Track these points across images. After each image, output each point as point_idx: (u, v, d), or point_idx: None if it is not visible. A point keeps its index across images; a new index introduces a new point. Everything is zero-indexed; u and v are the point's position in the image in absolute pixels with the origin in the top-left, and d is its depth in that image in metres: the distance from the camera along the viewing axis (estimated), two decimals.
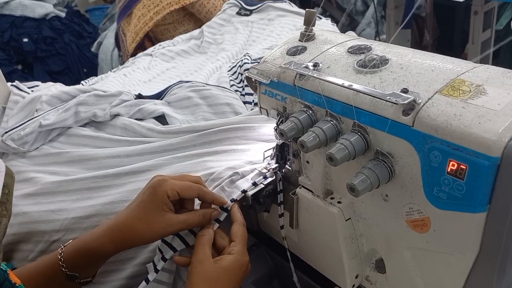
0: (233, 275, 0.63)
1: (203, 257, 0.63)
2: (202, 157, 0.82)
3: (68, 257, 0.65)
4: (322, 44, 0.65)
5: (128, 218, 0.65)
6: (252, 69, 0.68)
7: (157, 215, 0.64)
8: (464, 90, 0.48)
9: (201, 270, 0.61)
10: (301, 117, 0.59)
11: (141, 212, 0.65)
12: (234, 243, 0.65)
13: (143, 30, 1.87)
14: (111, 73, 1.32)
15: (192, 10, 1.90)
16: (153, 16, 1.84)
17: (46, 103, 1.03)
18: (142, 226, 0.64)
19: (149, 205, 0.65)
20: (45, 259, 0.68)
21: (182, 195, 0.66)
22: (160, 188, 0.65)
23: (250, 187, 0.70)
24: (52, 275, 0.66)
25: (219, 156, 0.81)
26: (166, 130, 0.90)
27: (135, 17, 1.90)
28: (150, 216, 0.64)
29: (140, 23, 1.86)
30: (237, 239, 0.66)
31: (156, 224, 0.64)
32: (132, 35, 1.90)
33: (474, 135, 0.43)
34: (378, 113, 0.51)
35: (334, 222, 0.62)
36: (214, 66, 1.21)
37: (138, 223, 0.64)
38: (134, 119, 0.96)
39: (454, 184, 0.46)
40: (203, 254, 0.63)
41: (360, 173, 0.51)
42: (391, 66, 0.55)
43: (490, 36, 2.17)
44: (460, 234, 0.48)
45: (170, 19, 1.92)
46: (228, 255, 0.64)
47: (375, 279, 0.65)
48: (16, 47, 2.96)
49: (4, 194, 0.46)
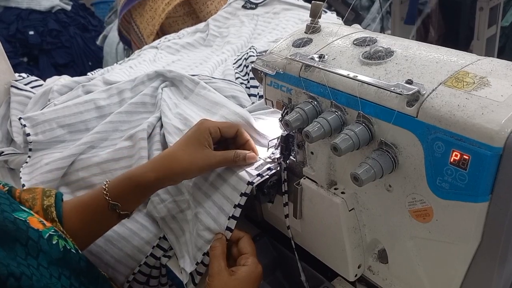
0: (248, 286, 0.66)
1: (220, 270, 0.66)
2: None
3: (112, 185, 0.72)
4: (327, 36, 0.66)
5: (172, 149, 0.74)
6: (258, 60, 0.69)
7: (198, 148, 0.72)
8: (468, 82, 0.48)
9: (220, 282, 0.65)
10: (306, 108, 0.60)
11: (183, 144, 0.73)
12: (247, 255, 0.69)
13: (158, 21, 1.92)
14: (117, 65, 1.33)
15: (195, 7, 1.92)
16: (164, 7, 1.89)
17: (57, 92, 1.06)
18: (184, 156, 0.71)
19: (192, 139, 0.73)
20: (90, 192, 0.74)
21: (223, 131, 0.74)
22: (203, 125, 0.73)
23: (256, 178, 0.71)
24: (96, 205, 0.71)
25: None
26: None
27: (151, 9, 1.92)
28: (192, 149, 0.72)
29: (156, 15, 1.90)
30: (249, 252, 0.70)
31: (197, 155, 0.71)
32: (150, 27, 1.93)
33: (477, 126, 0.44)
34: (383, 104, 0.52)
35: (338, 212, 0.62)
36: (219, 59, 1.21)
37: (180, 152, 0.72)
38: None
39: (457, 174, 0.46)
40: (219, 266, 0.67)
41: (364, 163, 0.51)
42: (396, 58, 0.56)
43: (496, 32, 2.16)
44: (462, 224, 0.49)
45: (180, 11, 1.94)
46: (243, 267, 0.67)
47: (377, 269, 0.66)
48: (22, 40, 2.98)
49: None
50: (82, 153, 0.92)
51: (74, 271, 0.60)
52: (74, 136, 0.98)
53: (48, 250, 0.57)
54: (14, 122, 1.07)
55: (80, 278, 0.60)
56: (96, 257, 0.80)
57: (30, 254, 0.54)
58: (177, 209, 0.81)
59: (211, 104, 0.91)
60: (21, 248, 0.54)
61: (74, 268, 0.60)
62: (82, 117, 0.99)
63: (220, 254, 0.69)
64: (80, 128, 0.98)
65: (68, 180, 0.90)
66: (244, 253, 0.69)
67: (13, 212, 0.57)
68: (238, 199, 0.71)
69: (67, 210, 0.70)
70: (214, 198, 0.74)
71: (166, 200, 0.82)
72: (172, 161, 0.71)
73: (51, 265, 0.56)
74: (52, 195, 0.71)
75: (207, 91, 0.94)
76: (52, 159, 0.90)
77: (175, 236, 0.81)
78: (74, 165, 0.91)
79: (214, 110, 0.89)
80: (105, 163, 0.89)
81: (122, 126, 0.97)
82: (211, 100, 0.91)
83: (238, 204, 0.71)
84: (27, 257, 0.54)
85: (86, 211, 0.71)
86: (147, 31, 1.96)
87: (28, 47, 2.99)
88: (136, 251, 0.81)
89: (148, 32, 1.96)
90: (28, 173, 0.91)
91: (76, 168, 0.90)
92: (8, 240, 0.53)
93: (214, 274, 0.66)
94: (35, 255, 0.55)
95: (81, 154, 0.92)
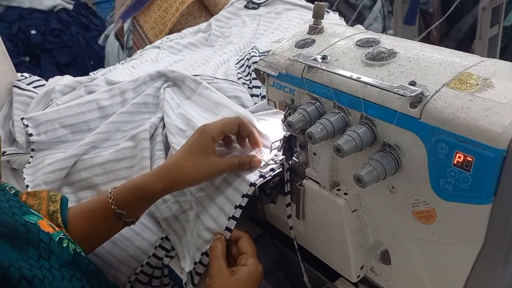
0: (249, 286, 0.66)
1: (220, 270, 0.66)
2: None
3: (118, 194, 0.71)
4: (330, 37, 0.66)
5: (177, 158, 0.72)
6: (261, 61, 0.69)
7: (202, 156, 0.71)
8: (471, 83, 0.48)
9: (220, 283, 0.65)
10: (309, 109, 0.60)
11: (187, 154, 0.72)
12: (247, 255, 0.69)
13: (171, 21, 1.93)
14: (119, 65, 1.33)
15: (206, 2, 1.93)
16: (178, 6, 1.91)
17: (60, 92, 1.06)
18: (189, 165, 0.71)
19: (195, 148, 0.72)
20: (95, 198, 0.74)
21: (226, 131, 0.73)
22: (205, 133, 0.72)
23: (258, 180, 0.71)
24: (101, 213, 0.71)
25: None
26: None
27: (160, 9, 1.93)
28: (196, 158, 0.71)
29: (168, 14, 1.91)
30: (249, 252, 0.69)
31: (202, 164, 0.71)
32: (159, 26, 1.94)
33: (481, 128, 0.44)
34: (386, 105, 0.52)
35: (340, 213, 0.62)
36: (221, 59, 1.21)
37: (185, 163, 0.71)
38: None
39: (460, 176, 0.46)
40: (219, 266, 0.67)
41: (367, 164, 0.51)
42: (399, 59, 0.55)
43: (498, 32, 2.16)
44: (465, 225, 0.49)
45: (184, 11, 1.95)
46: (244, 267, 0.67)
47: (380, 270, 0.66)
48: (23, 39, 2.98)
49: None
50: (84, 154, 0.92)
51: (85, 274, 0.60)
52: (77, 136, 0.98)
53: (59, 253, 0.57)
54: (16, 122, 1.07)
55: (91, 280, 0.61)
56: (98, 257, 0.80)
57: (42, 256, 0.55)
58: (179, 210, 0.81)
59: (214, 104, 0.91)
60: (33, 250, 0.54)
61: (85, 271, 0.60)
62: (85, 118, 0.99)
63: (220, 255, 0.69)
64: (83, 128, 0.99)
65: (70, 181, 0.90)
66: (244, 253, 0.69)
67: (23, 215, 0.58)
68: (240, 200, 0.71)
69: (72, 217, 0.70)
70: (216, 198, 0.74)
71: (169, 201, 0.82)
72: (179, 171, 0.70)
73: (63, 267, 0.57)
74: (57, 200, 0.71)
75: (209, 92, 0.94)
76: (55, 159, 0.90)
77: (177, 236, 0.81)
78: (77, 166, 0.91)
79: (217, 110, 0.89)
80: (108, 163, 0.89)
81: (124, 126, 0.97)
82: (214, 100, 0.91)
83: (239, 205, 0.71)
84: (39, 259, 0.54)
85: (92, 218, 0.71)
86: (155, 30, 1.96)
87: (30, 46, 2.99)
88: (138, 251, 0.81)
89: (156, 32, 1.96)
90: (31, 173, 0.91)
91: (78, 169, 0.90)
92: (21, 242, 0.53)
93: (214, 274, 0.66)
94: (47, 257, 0.55)
95: (84, 154, 0.92)
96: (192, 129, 0.86)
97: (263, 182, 0.71)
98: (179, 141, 0.85)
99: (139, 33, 2.06)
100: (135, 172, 0.87)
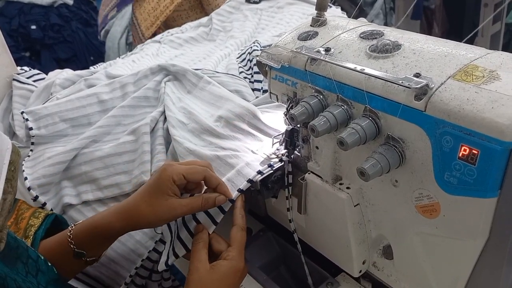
0: (227, 281, 0.63)
1: (198, 264, 0.64)
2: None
3: (77, 233, 0.68)
4: (333, 30, 0.65)
5: (135, 200, 0.68)
6: (263, 53, 0.68)
7: (161, 198, 0.66)
8: (477, 76, 0.47)
9: (197, 277, 0.62)
10: (311, 101, 0.59)
11: (146, 195, 0.67)
12: (231, 248, 0.66)
13: (164, 13, 1.88)
14: (120, 60, 1.33)
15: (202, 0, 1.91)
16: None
17: (60, 86, 1.05)
18: (147, 208, 0.66)
19: (154, 189, 0.66)
20: (55, 236, 0.71)
21: (188, 178, 0.67)
22: (165, 173, 0.66)
23: (256, 176, 0.70)
24: (61, 252, 0.68)
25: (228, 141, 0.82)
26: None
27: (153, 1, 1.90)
28: (154, 200, 0.66)
29: (160, 6, 1.87)
30: (234, 244, 0.66)
31: (160, 207, 0.66)
32: (151, 19, 1.91)
33: (487, 120, 0.43)
34: (390, 97, 0.51)
35: (343, 207, 0.62)
36: (222, 53, 1.21)
37: (143, 205, 0.66)
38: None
39: (465, 169, 0.46)
40: (198, 261, 0.64)
41: (371, 157, 0.51)
42: (403, 51, 0.55)
43: (500, 29, 2.15)
44: (470, 220, 0.48)
45: (186, 5, 1.92)
46: (223, 261, 0.64)
47: (382, 265, 0.65)
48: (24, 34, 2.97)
49: (10, 171, 0.47)
50: (84, 147, 0.91)
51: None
52: (77, 130, 0.97)
53: (45, 271, 0.57)
54: (16, 115, 1.07)
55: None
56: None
57: (30, 273, 0.54)
58: None
59: (216, 98, 0.90)
60: (22, 265, 0.53)
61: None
62: (85, 111, 0.98)
63: (201, 248, 0.66)
64: (83, 122, 0.98)
65: (70, 174, 0.90)
66: (231, 245, 0.66)
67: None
68: (235, 194, 0.70)
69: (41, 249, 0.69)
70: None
71: None
72: (137, 214, 0.66)
73: (49, 285, 0.56)
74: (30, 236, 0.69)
75: (211, 86, 0.93)
76: (55, 153, 0.89)
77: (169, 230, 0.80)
78: (77, 159, 0.90)
79: (219, 104, 0.88)
80: (108, 157, 0.89)
81: (125, 120, 0.96)
82: (216, 94, 0.90)
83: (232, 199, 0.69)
84: (27, 275, 0.53)
85: (54, 256, 0.67)
86: (146, 22, 1.93)
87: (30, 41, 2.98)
88: (139, 246, 0.80)
89: (148, 24, 1.92)
90: (30, 166, 0.91)
91: (78, 162, 0.90)
92: (11, 256, 0.53)
93: (193, 268, 0.63)
94: (34, 273, 0.55)
95: (84, 148, 0.91)
96: (194, 122, 0.85)
97: (264, 176, 0.70)
98: (180, 134, 0.84)
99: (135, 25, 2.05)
100: (136, 166, 0.86)
